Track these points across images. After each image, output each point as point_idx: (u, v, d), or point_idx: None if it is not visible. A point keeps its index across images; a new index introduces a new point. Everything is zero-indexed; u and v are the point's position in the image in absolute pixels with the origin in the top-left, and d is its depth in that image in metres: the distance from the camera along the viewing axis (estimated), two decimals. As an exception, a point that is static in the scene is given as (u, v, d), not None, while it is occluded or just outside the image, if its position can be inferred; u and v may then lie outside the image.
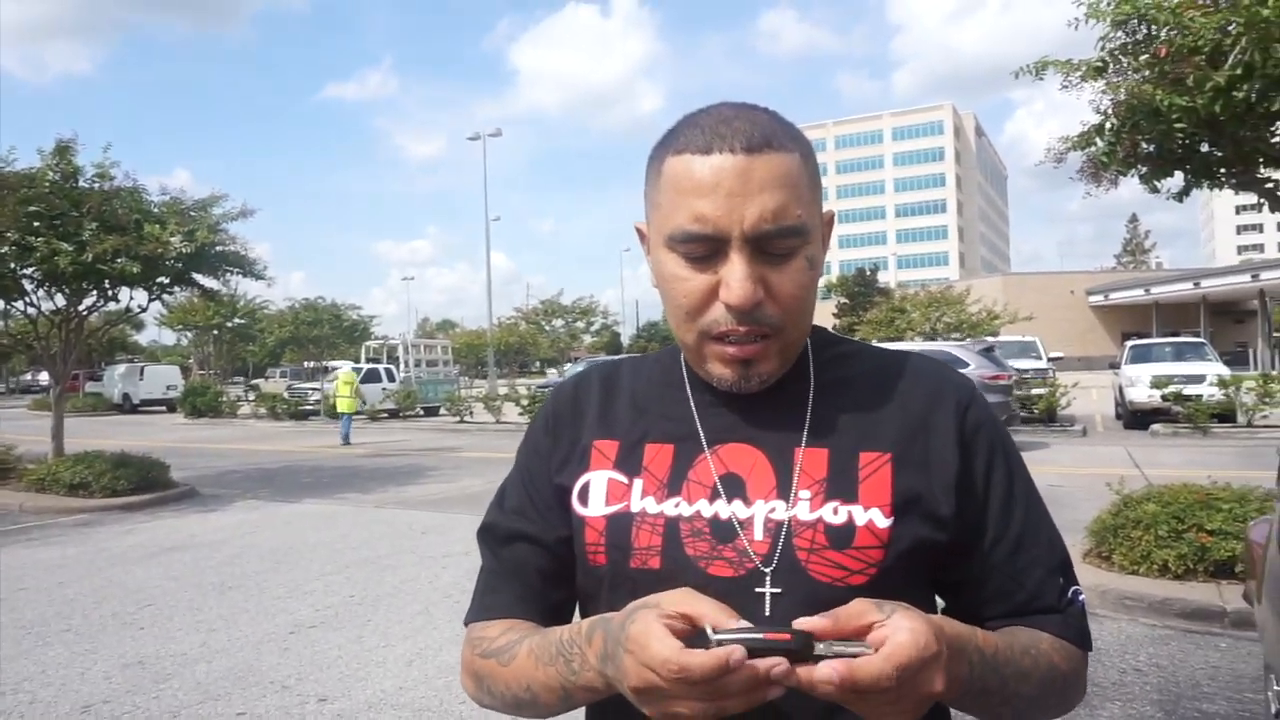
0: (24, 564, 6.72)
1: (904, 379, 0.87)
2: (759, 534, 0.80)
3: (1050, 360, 17.22)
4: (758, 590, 0.78)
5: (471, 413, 22.59)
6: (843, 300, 60.22)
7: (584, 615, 0.87)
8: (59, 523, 8.62)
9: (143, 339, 60.42)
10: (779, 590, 0.78)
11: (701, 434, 0.86)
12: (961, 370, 5.40)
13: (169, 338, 56.94)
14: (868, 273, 61.51)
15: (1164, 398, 14.36)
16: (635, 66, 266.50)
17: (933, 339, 16.90)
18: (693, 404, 0.88)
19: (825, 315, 65.93)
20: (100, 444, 11.83)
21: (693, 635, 0.66)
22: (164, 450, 12.28)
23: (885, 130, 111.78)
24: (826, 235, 0.86)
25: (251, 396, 30.32)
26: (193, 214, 10.08)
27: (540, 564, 0.90)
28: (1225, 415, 14.11)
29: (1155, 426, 14.49)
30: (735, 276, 0.76)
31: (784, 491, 0.80)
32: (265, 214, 10.68)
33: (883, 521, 0.79)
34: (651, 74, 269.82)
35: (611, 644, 0.71)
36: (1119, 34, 4.97)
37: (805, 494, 0.80)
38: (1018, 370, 16.08)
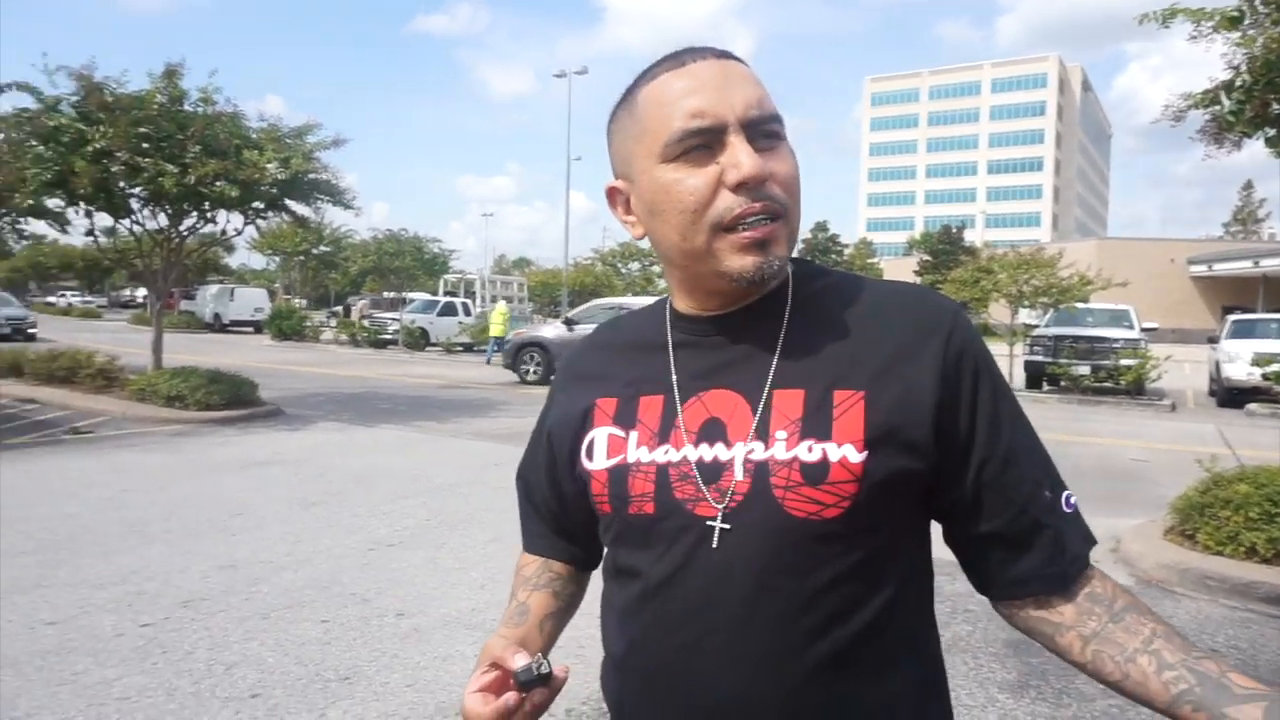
0: (128, 467, 7.17)
1: (885, 310, 0.88)
2: (739, 474, 0.84)
3: (1143, 330, 16.46)
4: (728, 529, 0.83)
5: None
6: (925, 258, 58.60)
7: (607, 551, 0.98)
8: (157, 432, 9.13)
9: (232, 262, 62.74)
10: (755, 527, 0.83)
11: (689, 381, 0.90)
12: None
13: (257, 261, 59.00)
14: (954, 230, 59.57)
15: (1265, 376, 13.65)
16: (725, 6, 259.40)
17: (1018, 303, 16.34)
18: (677, 353, 0.92)
19: (907, 273, 64.26)
20: (194, 360, 12.42)
21: (505, 676, 0.86)
22: (251, 370, 12.82)
23: (984, 81, 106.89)
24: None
25: (333, 323, 31.29)
26: (288, 141, 10.33)
27: (554, 508, 1.05)
28: (1330, 399, 13.36)
29: (1252, 406, 13.84)
30: (743, 153, 0.81)
31: (761, 432, 0.84)
32: (352, 144, 10.92)
33: (856, 456, 0.81)
34: (742, 14, 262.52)
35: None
36: (1258, -17, 4.61)
37: (781, 434, 0.83)
38: (1105, 338, 15.47)
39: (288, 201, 11.07)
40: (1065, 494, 0.88)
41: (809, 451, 0.82)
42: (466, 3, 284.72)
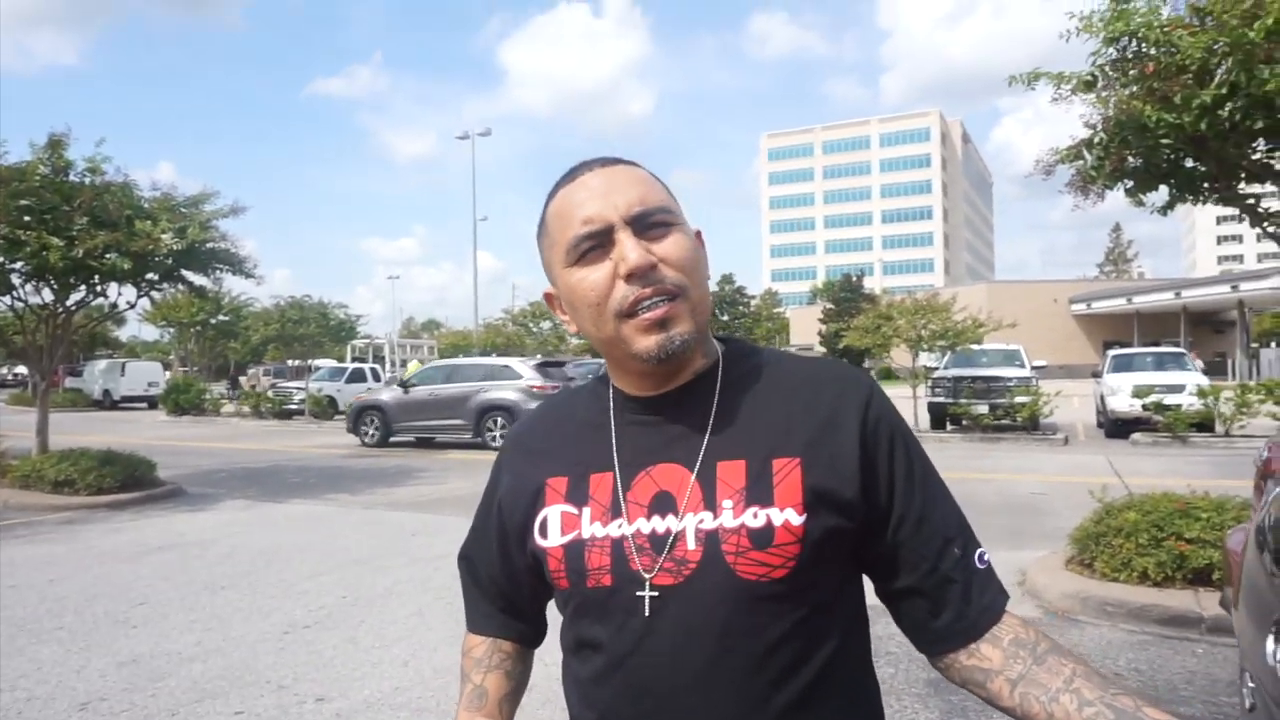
0: (12, 561, 6.70)
1: (810, 384, 0.96)
2: (691, 543, 0.89)
3: (1033, 369, 17.38)
4: (686, 593, 0.89)
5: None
6: (829, 306, 60.56)
7: (565, 625, 1.00)
8: (45, 520, 8.57)
9: (122, 335, 59.93)
10: (712, 591, 0.88)
11: (635, 458, 0.95)
12: (514, 380, 9.09)
13: (149, 333, 56.44)
14: (855, 279, 61.85)
15: (1144, 407, 14.57)
16: (626, 67, 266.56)
17: (918, 347, 17.04)
18: (622, 431, 0.98)
19: (811, 321, 66.21)
20: (82, 440, 11.77)
21: None
22: (147, 448, 12.22)
23: (873, 136, 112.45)
24: (700, 244, 0.98)
25: (234, 393, 30.11)
26: (184, 210, 10.04)
27: (502, 585, 1.09)
28: (1204, 425, 14.33)
29: (1136, 435, 14.70)
30: (627, 247, 0.89)
31: (709, 502, 0.90)
32: (252, 209, 10.69)
33: (796, 520, 0.88)
34: (642, 75, 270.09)
35: None
36: (1110, 50, 5.08)
37: (728, 503, 0.89)
38: (1000, 377, 16.26)
39: (184, 272, 10.73)
40: (978, 551, 0.95)
41: (754, 518, 0.87)
42: (365, 67, 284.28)
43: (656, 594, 0.88)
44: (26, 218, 8.95)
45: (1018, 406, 15.41)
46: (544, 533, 0.97)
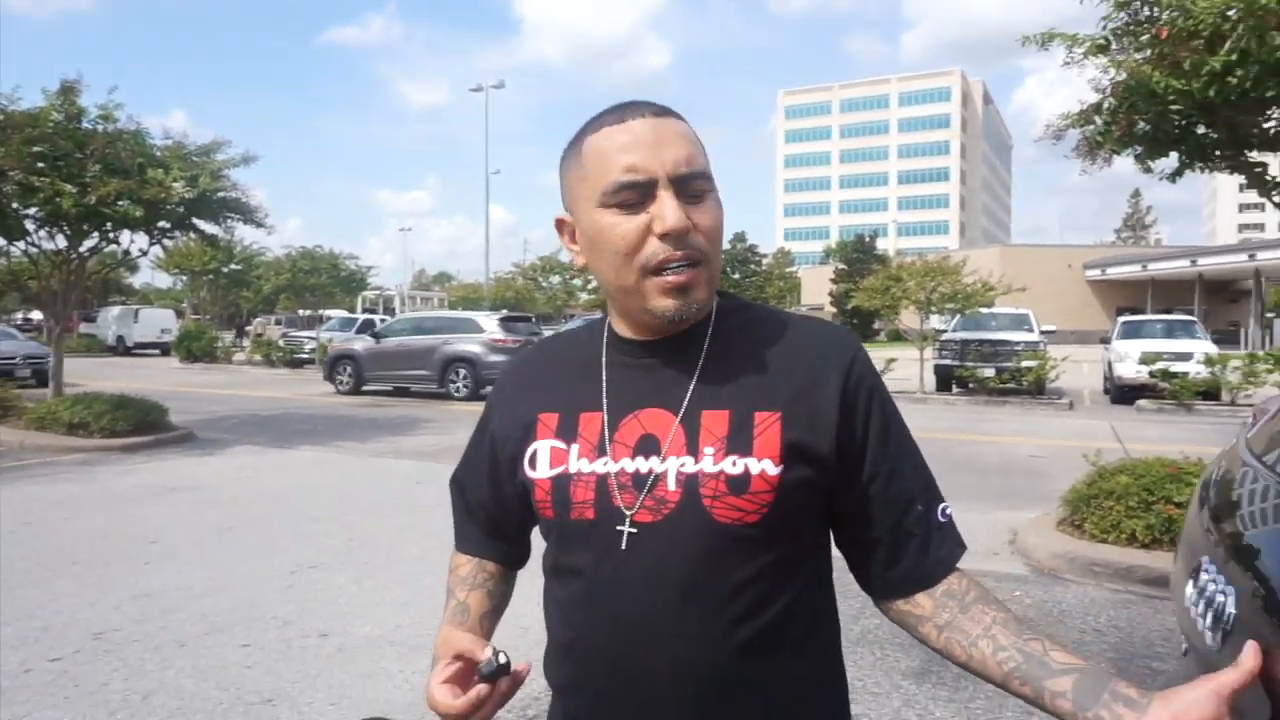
0: (28, 499, 6.89)
1: (796, 341, 1.02)
2: (672, 484, 0.95)
3: (1042, 333, 17.34)
4: (663, 530, 0.95)
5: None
6: (841, 266, 60.23)
7: (547, 550, 1.06)
8: (60, 461, 8.78)
9: (136, 281, 60.25)
10: (687, 530, 0.94)
11: (625, 400, 1.00)
12: (477, 334, 10.23)
13: (162, 281, 56.76)
14: (867, 239, 61.39)
15: (1151, 374, 14.55)
16: (643, 19, 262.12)
17: (926, 309, 17.02)
18: (612, 373, 1.03)
19: (823, 281, 65.89)
20: (96, 385, 11.97)
21: (470, 666, 0.96)
22: (160, 394, 12.41)
23: (892, 95, 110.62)
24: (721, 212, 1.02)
25: (245, 344, 30.40)
26: (195, 159, 10.09)
27: (490, 510, 1.15)
28: (1210, 393, 14.32)
29: (1141, 402, 14.71)
30: (668, 207, 0.91)
31: (691, 448, 0.96)
32: (264, 158, 10.72)
33: (773, 470, 0.94)
34: (659, 28, 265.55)
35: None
36: (1122, 14, 5.02)
37: (709, 450, 0.95)
38: (1008, 341, 16.26)
39: (196, 221, 10.81)
40: (941, 506, 1.02)
41: (733, 465, 0.93)
42: (379, 15, 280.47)
43: (635, 530, 0.94)
44: (40, 164, 9.02)
45: (1024, 371, 15.41)
46: (533, 465, 1.02)
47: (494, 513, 1.15)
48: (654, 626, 0.94)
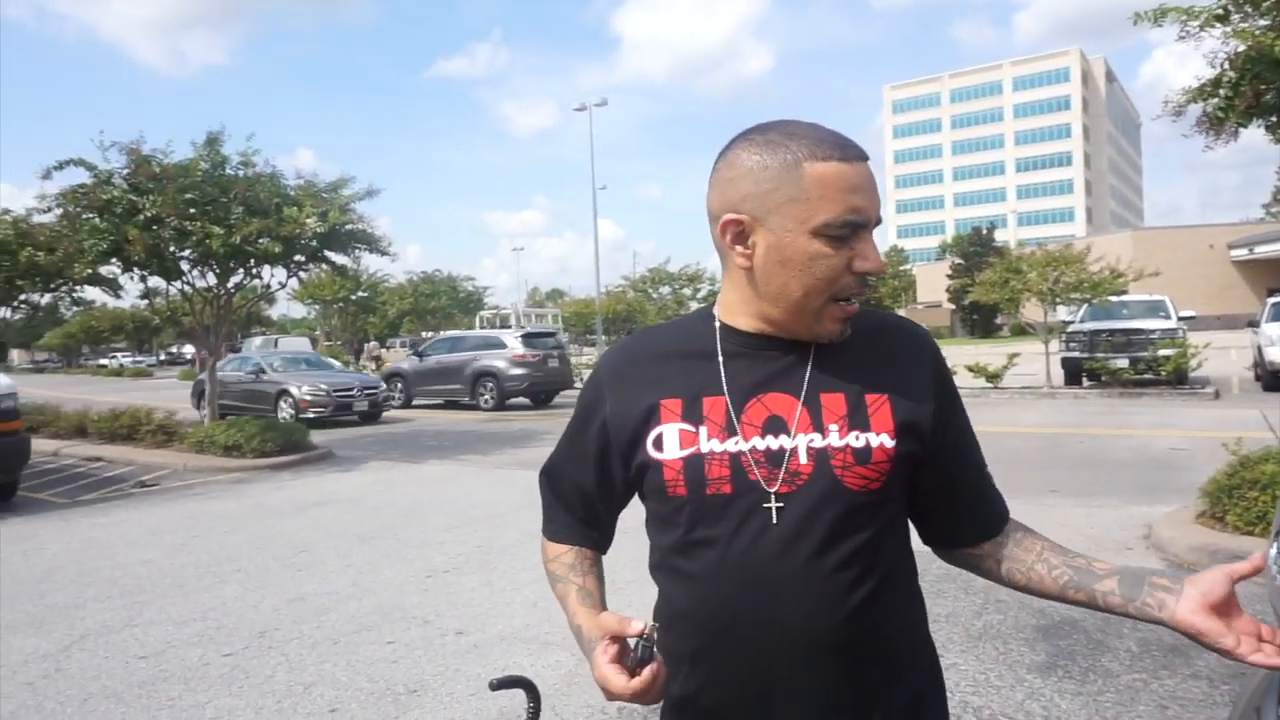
0: (194, 514, 7.57)
1: (889, 336, 1.16)
2: (804, 459, 1.07)
3: (1181, 319, 16.31)
4: (803, 498, 1.07)
5: (582, 378, 23.23)
6: (957, 261, 58.16)
7: (655, 532, 1.17)
8: (218, 480, 9.58)
9: (274, 313, 64.32)
10: (822, 497, 1.06)
11: (746, 385, 1.11)
12: (502, 350, 13.28)
13: (297, 310, 60.36)
14: (984, 231, 59.07)
15: (1307, 358, 13.48)
16: (742, 25, 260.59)
17: (1050, 300, 16.30)
18: (729, 362, 1.13)
19: (939, 278, 63.75)
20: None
21: (622, 645, 1.01)
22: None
23: (1005, 80, 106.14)
24: None
25: (373, 367, 32.03)
26: (325, 195, 10.83)
27: (591, 499, 1.24)
28: (1377, 375, 13.15)
29: (1295, 388, 13.65)
30: (873, 250, 1.06)
31: (817, 425, 1.08)
32: (383, 189, 11.36)
33: (890, 443, 1.08)
34: (760, 33, 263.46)
35: (589, 658, 1.07)
36: (1239, -19, 4.79)
37: (833, 427, 1.08)
38: (1142, 330, 15.39)
39: (327, 253, 11.58)
40: (986, 471, 1.20)
41: (856, 439, 1.07)
42: (485, 44, 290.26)
43: (783, 505, 1.05)
44: (192, 210, 9.90)
45: (1161, 360, 14.56)
46: (659, 447, 1.10)
47: (594, 500, 1.23)
48: (788, 587, 1.04)
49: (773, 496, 1.06)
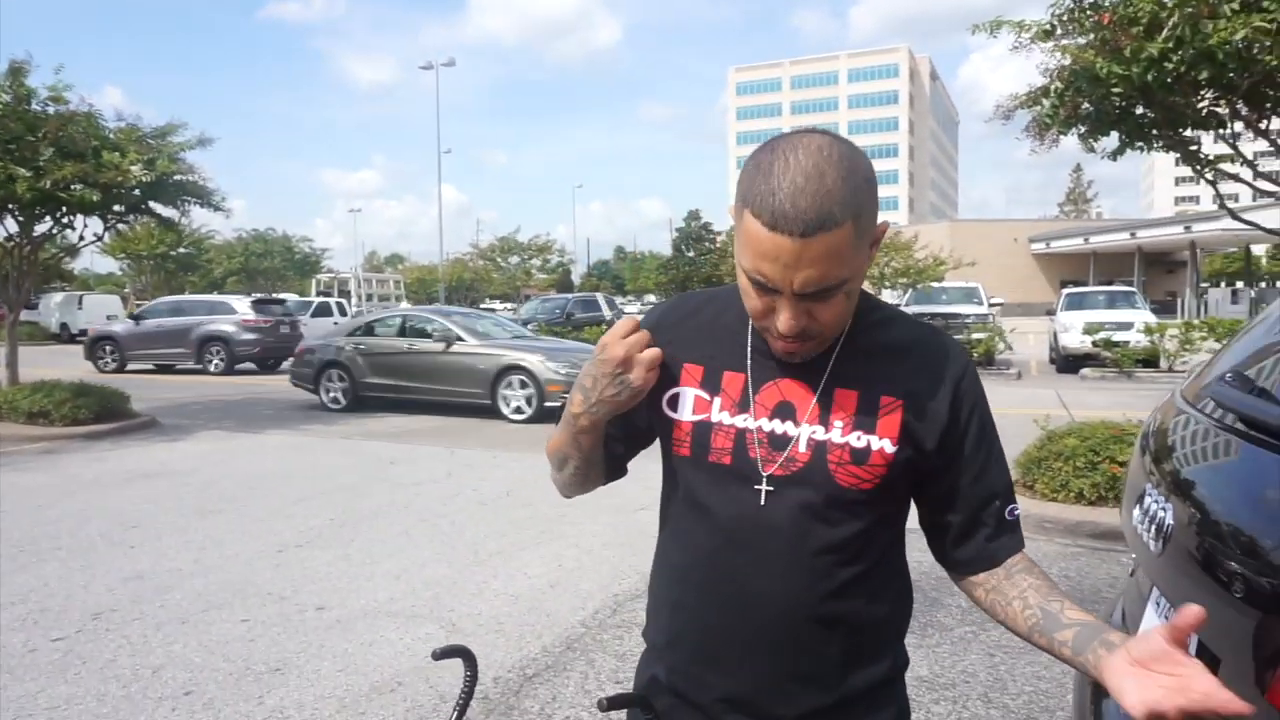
0: (-2, 488, 6.85)
1: (919, 345, 1.17)
2: (803, 447, 1.11)
3: (991, 306, 17.91)
4: (790, 484, 1.11)
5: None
6: (794, 242, 60.66)
7: (665, 483, 1.23)
8: (23, 450, 8.68)
9: (75, 267, 58.39)
10: (811, 487, 1.11)
11: (766, 368, 1.15)
12: (231, 315, 13.29)
13: (102, 266, 55.12)
14: (819, 216, 61.86)
15: (1094, 343, 15.16)
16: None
17: (880, 284, 17.48)
18: (754, 344, 1.16)
19: (776, 257, 66.28)
20: (47, 373, 11.78)
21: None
22: (114, 381, 12.24)
23: (841, 71, 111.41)
24: (877, 244, 1.10)
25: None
26: (151, 141, 9.93)
27: (611, 433, 1.24)
28: (1150, 360, 14.98)
29: (1085, 371, 15.32)
30: (783, 316, 1.03)
31: (823, 419, 1.12)
32: (217, 139, 10.45)
33: (890, 449, 1.10)
34: (610, 4, 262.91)
35: (580, 374, 1.15)
36: (1067, 0, 5.29)
37: (838, 423, 1.11)
38: (959, 314, 16.76)
39: (153, 204, 10.65)
40: (1011, 506, 1.18)
41: (858, 440, 1.09)
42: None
43: (764, 479, 1.10)
44: (-9, 148, 8.82)
45: (974, 343, 15.93)
46: (673, 407, 1.17)
47: (615, 434, 1.25)
48: (769, 566, 1.10)
49: (765, 479, 1.11)
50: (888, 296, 19.29)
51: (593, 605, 4.19)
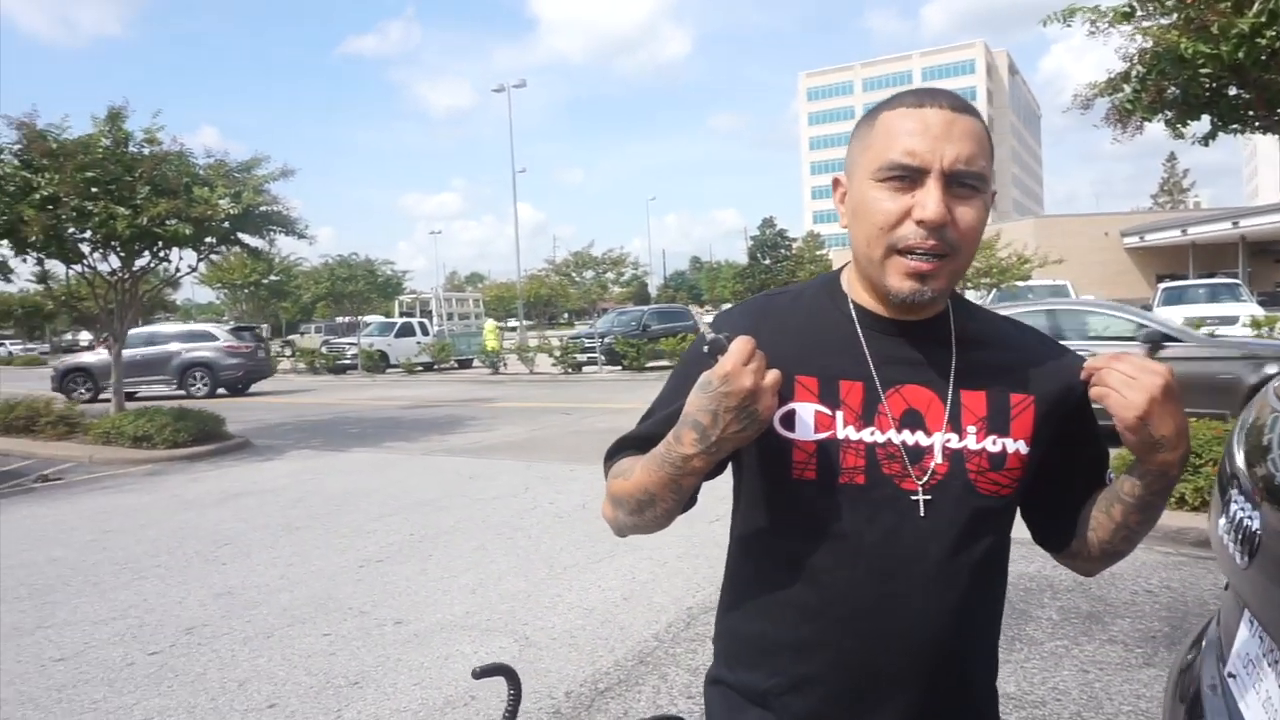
0: (105, 509, 7.22)
1: (1032, 342, 1.13)
2: (939, 458, 1.03)
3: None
4: (931, 500, 1.03)
5: (505, 364, 23.03)
6: (871, 247, 59.59)
7: (757, 512, 1.10)
8: (129, 473, 9.15)
9: (178, 298, 61.58)
10: (953, 500, 1.04)
11: (887, 374, 1.06)
12: (213, 342, 13.52)
13: (202, 296, 57.93)
14: (897, 218, 60.72)
15: (1195, 339, 14.35)
16: (660, 8, 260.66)
17: (961, 285, 16.90)
18: (869, 347, 1.07)
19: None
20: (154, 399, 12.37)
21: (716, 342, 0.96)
22: (213, 404, 12.81)
23: (915, 71, 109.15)
24: (991, 202, 1.06)
25: (289, 352, 31.04)
26: (237, 175, 10.40)
27: None
28: (1258, 356, 14.10)
29: (1186, 368, 14.52)
30: (931, 198, 0.96)
31: (955, 425, 1.04)
32: (297, 170, 10.89)
33: (1025, 450, 1.05)
34: (677, 16, 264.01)
35: (690, 408, 0.97)
36: (1146, -19, 5.05)
37: (971, 428, 1.04)
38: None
39: (240, 235, 11.14)
40: (1109, 472, 1.14)
41: (994, 444, 1.03)
42: (397, 21, 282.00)
43: (904, 496, 1.02)
44: (93, 189, 9.37)
45: (1064, 343, 15.28)
46: (789, 426, 1.04)
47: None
48: (920, 589, 1.02)
49: (920, 489, 1.03)
50: (971, 297, 18.71)
51: (666, 618, 4.16)
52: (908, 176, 0.97)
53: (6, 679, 3.68)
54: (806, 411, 1.04)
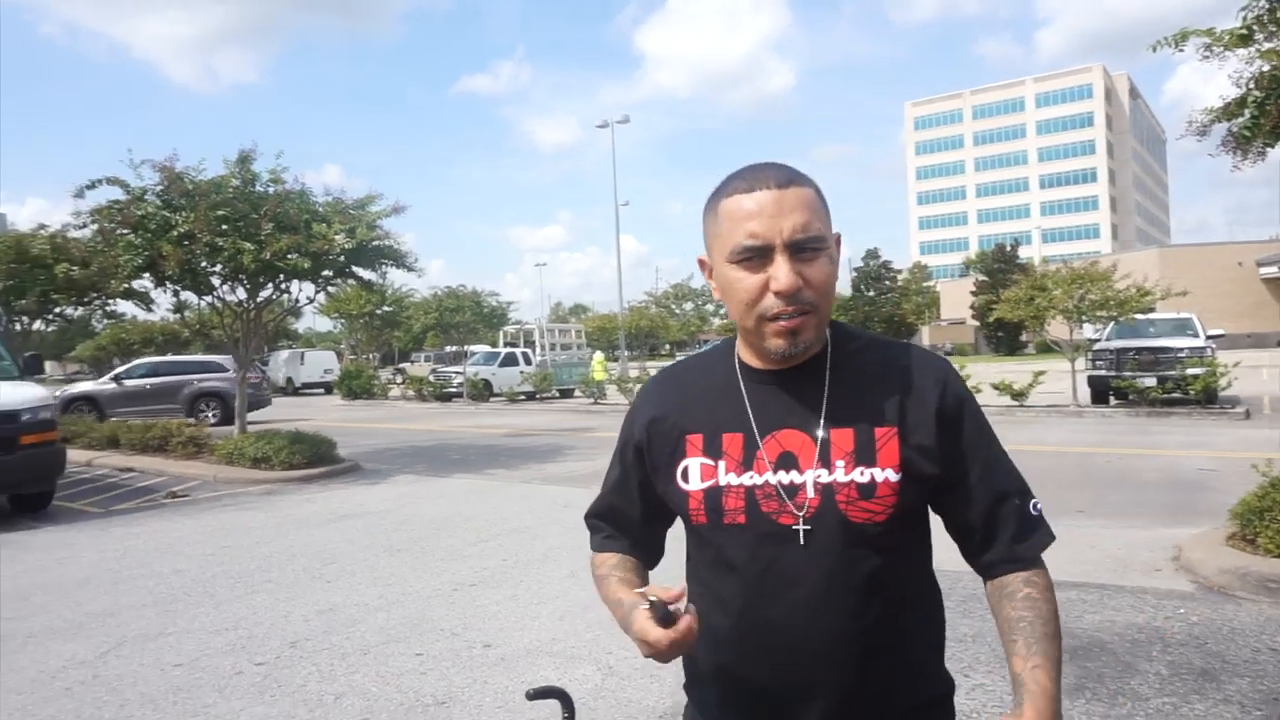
0: (225, 525, 7.69)
1: (899, 365, 1.20)
2: (811, 493, 1.14)
3: (1210, 338, 16.13)
4: (809, 530, 1.14)
5: (605, 395, 23.32)
6: (981, 277, 57.79)
7: (691, 546, 1.27)
8: (248, 492, 9.71)
9: (299, 326, 65.04)
10: (827, 530, 1.13)
11: (763, 423, 1.18)
12: (223, 373, 14.54)
13: (322, 325, 60.95)
14: (1008, 248, 58.69)
15: (1340, 377, 13.27)
16: (764, 43, 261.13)
17: (1076, 318, 16.16)
18: (750, 400, 1.20)
19: (963, 294, 63.35)
20: (273, 423, 13.09)
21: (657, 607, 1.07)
22: (327, 429, 13.42)
23: (1028, 96, 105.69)
24: (838, 249, 1.19)
25: (400, 379, 32.32)
26: (352, 212, 11.00)
27: (639, 523, 1.36)
28: None
29: (1329, 408, 13.43)
30: (782, 271, 1.09)
31: (825, 462, 1.15)
32: (408, 205, 11.51)
33: (894, 477, 1.14)
34: (781, 50, 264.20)
35: (628, 625, 1.14)
36: (1262, 1, 4.80)
37: (840, 463, 1.14)
38: (1169, 348, 15.22)
39: (354, 268, 11.74)
40: (1032, 501, 1.20)
41: (861, 475, 1.13)
42: (508, 62, 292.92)
43: (782, 531, 1.13)
44: (224, 226, 10.09)
45: (1190, 379, 14.40)
46: (685, 479, 1.21)
47: (640, 524, 1.35)
48: (801, 613, 1.13)
49: (799, 521, 1.13)
50: (1088, 331, 17.84)
51: (749, 654, 4.12)
52: (756, 254, 1.10)
53: (130, 681, 3.96)
54: (694, 465, 1.20)
